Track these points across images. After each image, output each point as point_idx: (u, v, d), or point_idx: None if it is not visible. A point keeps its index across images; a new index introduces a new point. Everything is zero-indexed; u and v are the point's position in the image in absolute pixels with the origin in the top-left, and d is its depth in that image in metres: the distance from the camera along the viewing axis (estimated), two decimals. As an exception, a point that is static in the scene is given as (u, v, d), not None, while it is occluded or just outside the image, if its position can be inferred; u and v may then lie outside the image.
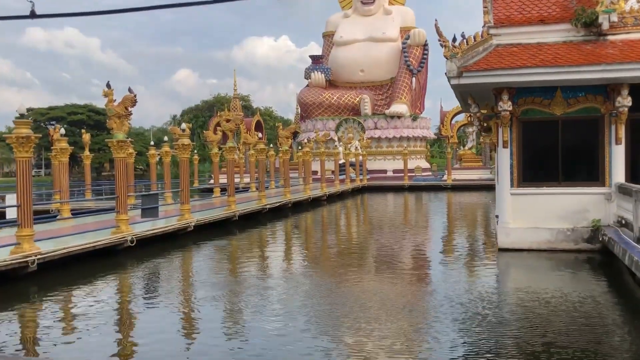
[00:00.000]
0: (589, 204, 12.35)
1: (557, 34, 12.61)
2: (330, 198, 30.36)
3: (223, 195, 25.40)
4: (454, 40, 12.30)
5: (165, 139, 26.46)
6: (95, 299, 9.25)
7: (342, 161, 38.02)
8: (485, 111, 13.26)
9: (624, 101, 11.64)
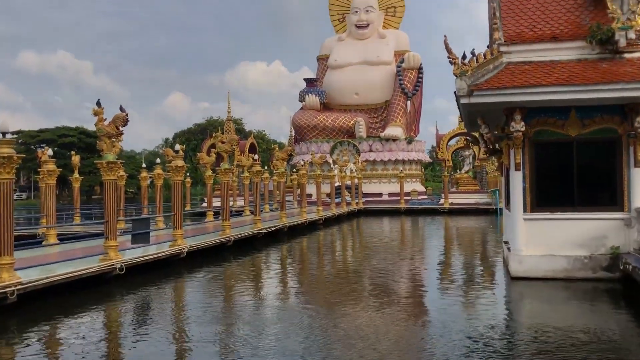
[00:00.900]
0: (607, 230, 11.68)
1: (571, 52, 12.08)
2: (327, 221, 29.61)
3: (216, 219, 24.60)
4: (464, 57, 11.73)
5: (158, 161, 25.69)
6: (79, 334, 8.40)
7: (337, 184, 37.36)
8: (496, 132, 12.63)
9: (644, 121, 11.05)
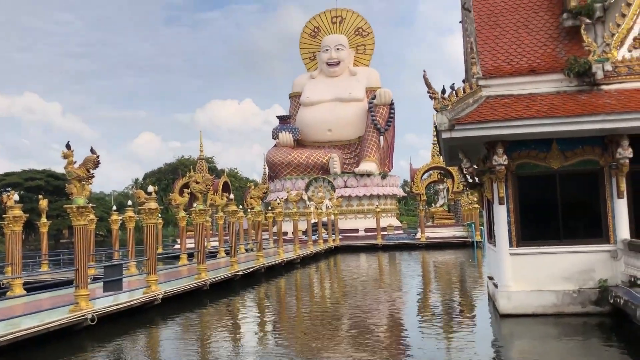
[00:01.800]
0: (594, 263, 11.50)
1: (549, 84, 12.10)
2: (304, 260, 29.03)
3: (191, 261, 23.86)
4: (444, 92, 11.62)
5: (129, 203, 24.98)
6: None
7: (314, 221, 36.93)
8: (478, 166, 12.48)
9: (625, 152, 11.03)
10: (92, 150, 12.61)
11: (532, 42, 12.95)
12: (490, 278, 14.16)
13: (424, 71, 11.73)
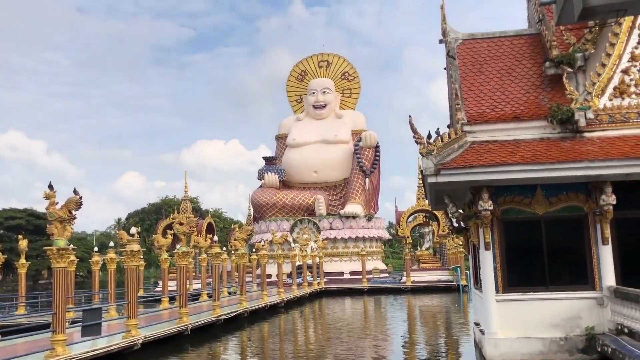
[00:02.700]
0: (580, 310, 11.41)
1: (533, 131, 12.25)
2: (289, 304, 28.57)
3: (172, 304, 23.37)
4: (429, 137, 11.70)
5: (111, 244, 24.58)
6: None
7: (298, 263, 36.58)
8: (463, 211, 12.49)
9: (609, 199, 11.10)
10: (74, 192, 12.45)
11: (516, 90, 13.17)
12: (477, 324, 14.00)
13: (410, 116, 11.85)
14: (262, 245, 29.80)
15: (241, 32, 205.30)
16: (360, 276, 39.63)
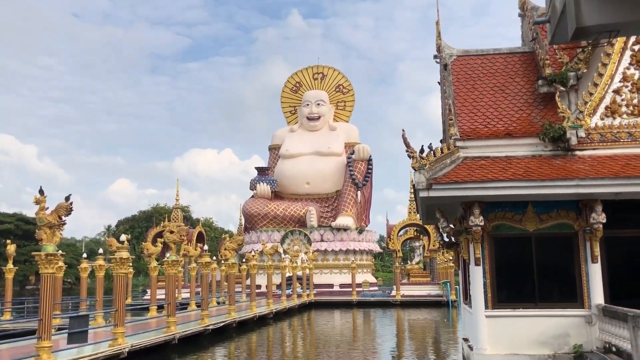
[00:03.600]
0: (568, 328, 11.44)
1: (525, 148, 12.34)
2: (277, 315, 28.44)
3: (160, 312, 23.20)
4: (422, 151, 11.76)
5: (100, 251, 24.40)
6: None
7: (288, 274, 36.45)
8: (454, 226, 12.52)
9: (599, 218, 11.17)
10: (67, 198, 12.38)
11: (509, 107, 13.28)
12: (465, 339, 13.98)
13: (403, 130, 11.91)
14: (253, 255, 29.71)
15: (237, 42, 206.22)
16: (350, 289, 39.52)
